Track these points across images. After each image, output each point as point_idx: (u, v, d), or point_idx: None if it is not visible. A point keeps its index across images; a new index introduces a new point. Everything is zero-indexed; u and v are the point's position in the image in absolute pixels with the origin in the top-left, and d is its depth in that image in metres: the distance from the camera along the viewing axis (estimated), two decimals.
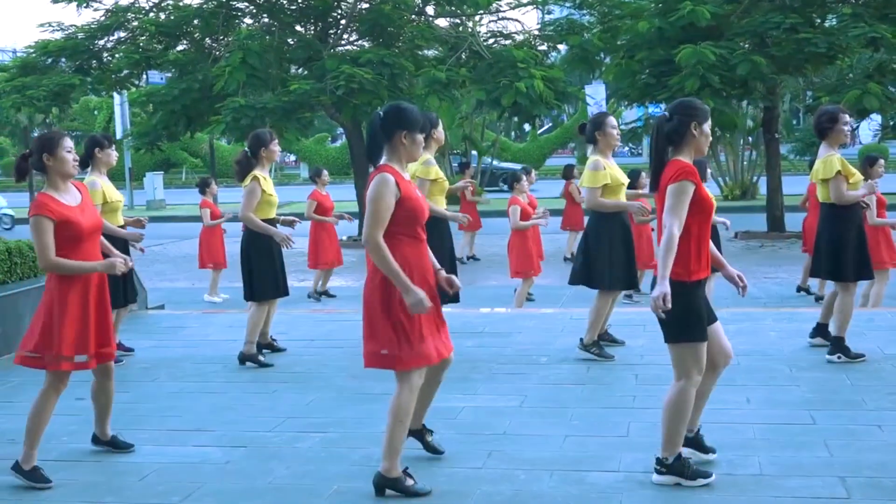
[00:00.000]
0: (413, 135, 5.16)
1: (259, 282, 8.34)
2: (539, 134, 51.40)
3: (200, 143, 42.73)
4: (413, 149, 5.19)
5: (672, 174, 5.01)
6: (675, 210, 4.94)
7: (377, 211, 4.99)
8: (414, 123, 5.16)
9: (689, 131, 5.10)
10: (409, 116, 5.16)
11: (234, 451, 5.96)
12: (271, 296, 8.44)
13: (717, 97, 18.67)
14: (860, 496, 4.89)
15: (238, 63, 19.49)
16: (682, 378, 5.09)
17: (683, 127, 5.09)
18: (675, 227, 4.91)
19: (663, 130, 5.13)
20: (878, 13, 19.03)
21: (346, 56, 20.60)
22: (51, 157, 5.47)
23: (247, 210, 8.15)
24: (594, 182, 7.97)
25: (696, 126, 5.10)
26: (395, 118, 5.15)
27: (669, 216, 4.94)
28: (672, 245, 4.88)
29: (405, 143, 5.15)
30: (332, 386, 7.51)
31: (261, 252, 8.29)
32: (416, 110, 5.27)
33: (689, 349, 5.07)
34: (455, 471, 5.48)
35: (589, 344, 8.16)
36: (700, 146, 5.15)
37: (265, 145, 8.28)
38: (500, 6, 22.67)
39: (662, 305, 4.81)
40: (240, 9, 22.51)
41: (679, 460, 5.15)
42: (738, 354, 7.98)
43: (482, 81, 19.97)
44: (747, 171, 31.44)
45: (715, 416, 6.31)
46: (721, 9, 19.27)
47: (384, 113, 5.20)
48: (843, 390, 6.87)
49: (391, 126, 5.14)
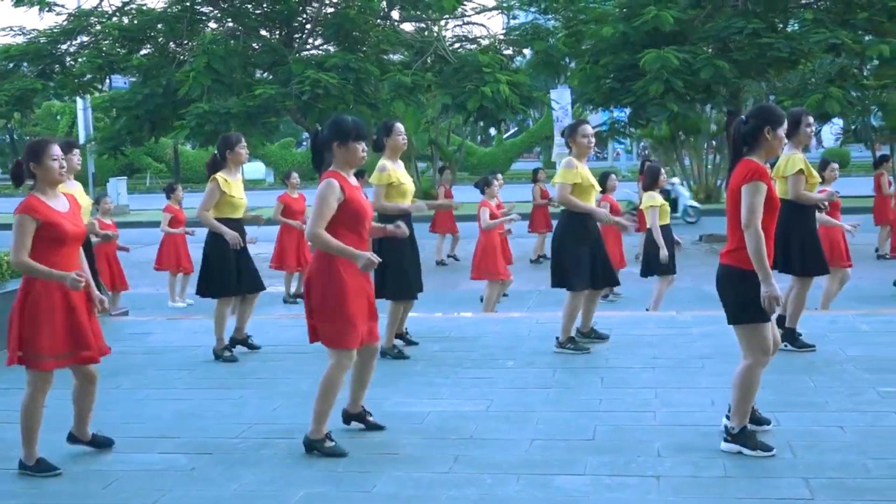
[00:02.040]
0: (346, 143, 5.70)
1: (211, 278, 8.56)
2: (505, 138, 51.54)
3: (164, 149, 42.45)
4: (349, 156, 5.73)
5: (744, 175, 5.42)
6: (754, 209, 5.35)
7: (319, 209, 5.58)
8: (345, 134, 5.71)
9: (762, 134, 5.49)
10: (340, 127, 5.74)
11: (199, 458, 5.92)
12: (222, 293, 8.58)
13: (680, 101, 18.85)
14: (823, 497, 4.93)
15: (202, 68, 19.43)
16: (750, 357, 5.54)
17: (757, 130, 5.50)
18: (759, 225, 5.34)
19: (739, 132, 5.55)
20: (839, 19, 19.27)
21: (312, 60, 20.59)
22: (37, 165, 5.58)
23: (202, 209, 8.42)
24: (566, 178, 8.18)
25: (770, 130, 5.49)
26: (329, 131, 5.76)
27: (750, 216, 5.35)
28: (762, 244, 5.34)
29: (340, 150, 5.72)
30: (298, 392, 7.48)
31: (218, 249, 8.47)
32: (349, 121, 5.82)
33: (753, 330, 5.50)
34: (421, 475, 5.48)
35: (563, 342, 8.36)
36: (773, 149, 5.61)
37: (230, 147, 8.49)
38: (466, 11, 22.75)
39: (776, 304, 5.35)
40: (204, 13, 22.42)
41: (744, 431, 5.57)
42: (702, 357, 8.07)
43: (448, 86, 20.01)
44: (711, 175, 31.64)
45: (680, 419, 6.36)
46: (685, 14, 19.43)
47: (322, 127, 5.85)
48: (805, 392, 6.93)
49: (326, 138, 5.75)
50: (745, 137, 5.53)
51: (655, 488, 5.14)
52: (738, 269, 5.45)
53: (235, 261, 8.52)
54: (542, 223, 18.19)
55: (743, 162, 5.52)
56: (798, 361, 7.86)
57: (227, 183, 8.41)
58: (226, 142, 8.54)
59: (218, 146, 8.63)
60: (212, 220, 8.38)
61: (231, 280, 8.54)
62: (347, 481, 5.43)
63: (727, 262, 5.58)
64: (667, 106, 18.47)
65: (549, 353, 8.43)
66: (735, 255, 5.50)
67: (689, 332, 8.93)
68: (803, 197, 8.00)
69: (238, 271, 8.54)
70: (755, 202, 5.36)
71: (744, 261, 5.41)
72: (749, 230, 5.35)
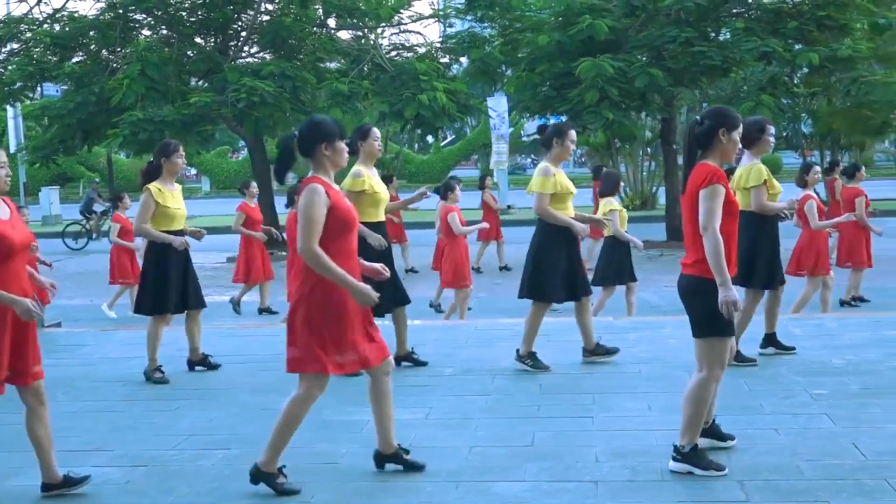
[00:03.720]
0: (333, 144, 5.25)
1: (149, 295, 8.22)
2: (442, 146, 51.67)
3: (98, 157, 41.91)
4: (336, 157, 5.28)
5: (702, 179, 5.25)
6: (712, 213, 5.20)
7: (310, 220, 5.08)
8: (331, 133, 5.26)
9: (717, 136, 5.36)
10: (324, 128, 5.29)
11: (134, 471, 5.84)
12: (166, 310, 8.26)
13: (615, 109, 19.02)
14: (758, 499, 5.00)
15: (136, 75, 19.21)
16: (705, 370, 5.37)
17: (712, 132, 5.36)
18: (717, 229, 5.18)
19: (693, 134, 5.41)
20: (770, 28, 19.63)
21: (248, 68, 20.45)
22: None
23: (140, 222, 8.07)
24: (543, 188, 7.80)
25: (725, 132, 5.36)
26: (312, 132, 5.28)
27: (708, 219, 5.19)
28: (720, 247, 5.17)
29: (327, 153, 5.24)
30: (236, 402, 7.42)
31: (159, 264, 8.16)
32: (331, 121, 5.39)
33: (716, 343, 5.35)
34: (360, 485, 5.45)
35: (524, 356, 8.09)
36: (727, 152, 5.42)
37: (166, 156, 8.17)
38: (402, 19, 22.77)
39: (734, 309, 5.16)
40: (137, 20, 22.17)
41: (695, 450, 5.39)
42: (638, 362, 8.15)
43: (385, 94, 19.99)
44: (647, 182, 32.03)
45: (617, 424, 6.41)
46: (619, 22, 19.64)
47: (299, 131, 5.32)
48: (741, 395, 7.02)
49: (309, 141, 5.26)
50: (699, 139, 5.38)
51: (594, 493, 5.17)
52: (703, 280, 5.27)
53: (177, 277, 8.22)
54: (491, 231, 18.17)
55: (699, 166, 5.34)
56: (732, 365, 7.94)
57: (160, 193, 8.08)
58: (162, 150, 8.22)
59: (154, 154, 8.33)
60: (153, 232, 8.05)
61: (169, 298, 8.19)
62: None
63: (690, 273, 5.40)
64: (602, 114, 18.65)
65: (487, 359, 8.45)
66: (700, 266, 5.29)
67: (626, 338, 9.00)
68: (766, 208, 7.81)
69: (180, 288, 8.24)
70: (713, 206, 5.19)
71: (709, 270, 5.22)
72: (707, 233, 5.17)
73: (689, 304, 5.45)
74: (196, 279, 8.49)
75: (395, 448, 5.61)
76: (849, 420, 6.30)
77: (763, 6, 20.69)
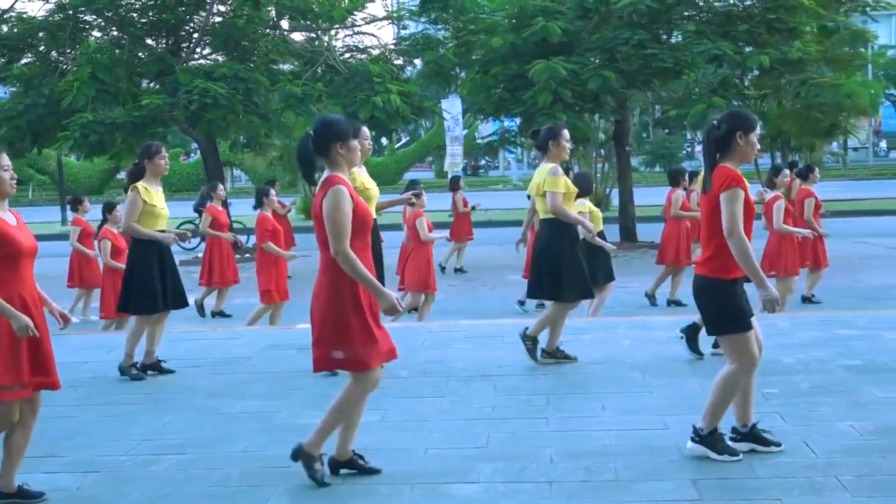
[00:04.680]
0: (347, 143, 5.32)
1: (134, 294, 8.23)
2: (396, 148, 51.64)
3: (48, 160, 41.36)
4: (351, 156, 5.35)
5: (722, 182, 5.34)
6: (735, 217, 5.28)
7: (340, 222, 5.13)
8: (345, 133, 5.33)
9: (734, 139, 5.45)
10: (338, 127, 5.34)
11: (85, 477, 5.77)
12: (147, 310, 8.27)
13: (569, 111, 19.10)
14: (710, 497, 5.04)
15: (86, 77, 19.02)
16: (736, 363, 5.50)
17: (729, 135, 5.45)
18: (742, 232, 5.28)
19: (712, 137, 5.49)
20: (721, 31, 19.83)
21: (200, 70, 20.32)
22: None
23: (128, 220, 8.13)
24: (556, 187, 7.93)
25: (742, 136, 5.45)
26: (326, 132, 5.31)
27: (732, 223, 5.28)
28: (748, 248, 5.28)
29: (342, 152, 5.31)
30: (190, 406, 7.36)
31: (144, 263, 8.20)
32: (342, 119, 5.48)
33: (736, 340, 5.47)
34: (314, 488, 5.42)
35: (552, 351, 8.27)
36: (745, 154, 5.51)
37: (149, 157, 8.23)
38: (356, 21, 22.73)
39: (778, 306, 5.39)
40: (88, 21, 21.94)
41: (713, 434, 5.54)
42: (592, 363, 8.19)
43: (339, 96, 19.95)
44: (600, 183, 32.16)
45: (571, 424, 6.44)
46: (572, 25, 19.73)
47: (314, 131, 5.35)
48: (694, 395, 7.07)
49: (324, 140, 5.30)
50: (717, 143, 5.47)
51: (549, 494, 5.19)
52: (716, 280, 5.40)
53: (161, 276, 8.22)
54: (464, 232, 18.28)
55: (719, 169, 5.43)
56: (685, 365, 8.03)
57: (147, 192, 8.15)
58: (145, 151, 8.29)
59: (138, 155, 8.42)
60: (142, 230, 8.11)
61: (155, 297, 8.20)
62: (240, 495, 5.36)
63: (704, 273, 5.49)
64: (556, 115, 18.71)
65: (443, 361, 8.46)
66: (712, 265, 5.41)
67: (581, 339, 9.04)
68: None
69: (164, 287, 8.24)
70: (735, 209, 5.28)
71: (721, 270, 5.36)
72: (732, 237, 5.25)
73: (704, 304, 5.58)
74: (179, 278, 8.48)
75: (350, 454, 5.59)
76: (799, 419, 6.37)
77: (714, 9, 20.89)
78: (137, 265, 8.25)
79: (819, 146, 33.28)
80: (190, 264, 19.11)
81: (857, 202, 27.63)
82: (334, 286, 5.24)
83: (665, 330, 9.36)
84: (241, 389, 7.84)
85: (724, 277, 5.38)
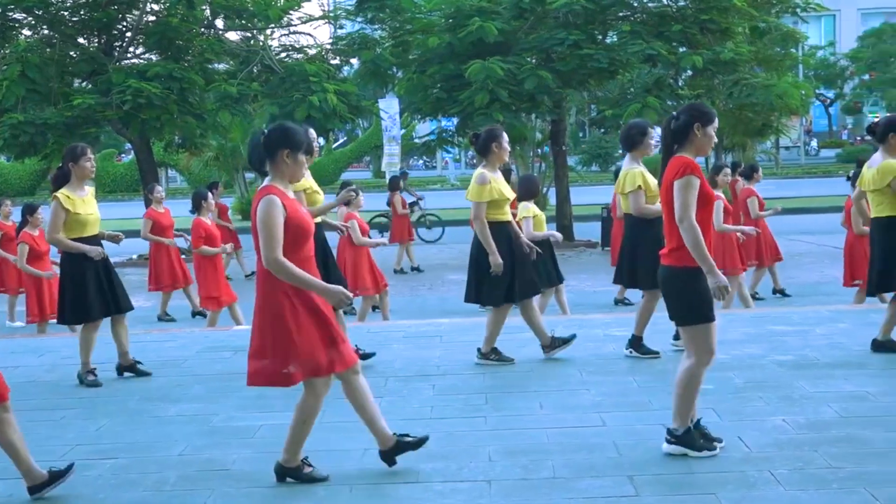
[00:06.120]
0: (295, 154, 5.22)
1: (72, 304, 8.05)
2: (333, 148, 51.43)
3: None
4: (295, 169, 5.24)
5: (676, 170, 5.40)
6: (686, 205, 5.35)
7: (271, 231, 5.05)
8: (297, 143, 5.22)
9: (692, 131, 5.51)
10: (291, 135, 5.23)
11: (17, 483, 5.66)
12: (91, 318, 8.10)
13: (506, 111, 19.17)
14: (648, 493, 5.09)
15: (16, 77, 18.69)
16: (694, 356, 5.53)
17: (687, 127, 5.52)
18: (694, 220, 5.33)
19: (670, 129, 5.56)
20: (655, 31, 20.00)
21: (133, 69, 20.04)
22: None
23: (52, 232, 7.88)
24: (480, 196, 7.86)
25: (700, 127, 5.51)
26: (279, 136, 5.22)
27: (683, 211, 5.35)
28: (699, 237, 5.31)
29: (288, 161, 5.20)
30: (124, 410, 7.27)
31: (77, 272, 8.00)
32: (302, 132, 5.34)
33: (699, 330, 5.50)
34: (252, 490, 5.39)
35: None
36: (702, 146, 5.56)
37: (74, 160, 7.93)
38: (292, 20, 22.54)
39: (726, 293, 5.37)
40: (17, 20, 21.50)
41: (688, 433, 5.58)
42: (530, 361, 8.23)
43: (275, 95, 19.80)
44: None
45: (508, 423, 6.46)
46: (509, 25, 19.78)
47: (268, 131, 5.27)
48: (630, 392, 7.14)
49: (274, 144, 5.21)
50: (675, 134, 5.54)
51: (487, 492, 5.20)
52: (682, 269, 5.46)
53: (98, 281, 8.03)
54: (405, 234, 18.33)
55: (674, 158, 5.50)
56: (623, 363, 8.11)
57: (69, 200, 7.85)
58: (70, 154, 7.95)
59: (62, 159, 8.07)
60: (66, 241, 7.86)
61: (92, 305, 8.01)
62: (177, 499, 5.30)
63: (669, 263, 5.55)
64: (493, 115, 18.77)
65: (381, 362, 8.44)
66: (677, 255, 5.47)
67: (518, 337, 9.07)
68: (645, 211, 8.04)
69: (103, 292, 8.05)
70: (687, 197, 5.34)
71: (687, 258, 5.40)
72: (683, 224, 5.32)
73: (667, 293, 5.62)
74: (119, 283, 8.29)
75: (395, 440, 5.59)
76: (733, 414, 6.46)
77: (648, 10, 21.08)
78: (69, 275, 8.05)
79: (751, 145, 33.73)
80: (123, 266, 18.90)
81: (789, 200, 28.05)
82: (271, 297, 5.18)
83: (602, 328, 9.44)
84: (176, 392, 7.76)
85: (691, 266, 5.42)
